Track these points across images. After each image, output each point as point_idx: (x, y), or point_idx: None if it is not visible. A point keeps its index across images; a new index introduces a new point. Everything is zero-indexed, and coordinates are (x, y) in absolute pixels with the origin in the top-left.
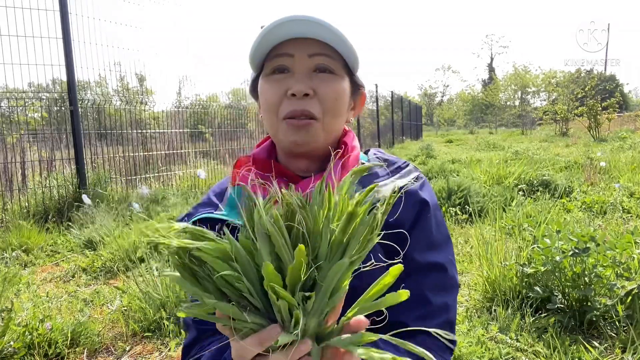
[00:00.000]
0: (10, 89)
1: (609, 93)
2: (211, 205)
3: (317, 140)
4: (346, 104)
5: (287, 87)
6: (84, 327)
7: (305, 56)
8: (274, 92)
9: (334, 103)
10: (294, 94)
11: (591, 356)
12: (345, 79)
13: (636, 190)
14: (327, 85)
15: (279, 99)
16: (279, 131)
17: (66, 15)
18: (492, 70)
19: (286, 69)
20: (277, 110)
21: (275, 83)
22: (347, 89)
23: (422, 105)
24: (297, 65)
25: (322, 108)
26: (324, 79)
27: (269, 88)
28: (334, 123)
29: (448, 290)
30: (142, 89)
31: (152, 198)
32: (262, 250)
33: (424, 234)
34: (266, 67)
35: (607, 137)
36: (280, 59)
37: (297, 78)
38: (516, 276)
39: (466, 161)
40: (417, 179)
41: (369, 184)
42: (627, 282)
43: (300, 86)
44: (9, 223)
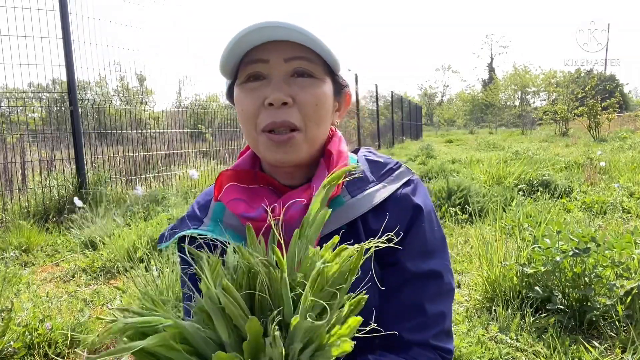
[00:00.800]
0: (10, 89)
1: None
2: (195, 219)
3: (299, 155)
4: (329, 108)
5: (263, 96)
6: (84, 327)
7: (281, 61)
8: (250, 103)
9: (315, 110)
10: (271, 103)
11: (591, 356)
12: (326, 81)
13: (636, 190)
14: (307, 91)
15: (256, 110)
16: (259, 145)
17: (66, 15)
18: (492, 70)
19: (262, 76)
20: (255, 122)
21: (251, 92)
22: (329, 91)
23: (422, 105)
24: (273, 71)
25: (303, 116)
26: (303, 84)
27: (244, 98)
28: (317, 132)
29: (444, 297)
30: (142, 89)
31: (151, 198)
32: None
33: (418, 242)
34: (240, 74)
35: (607, 137)
36: (255, 65)
37: (274, 86)
38: (516, 276)
39: (466, 161)
40: (410, 182)
41: (358, 190)
42: (627, 282)
43: (278, 94)
44: (9, 223)
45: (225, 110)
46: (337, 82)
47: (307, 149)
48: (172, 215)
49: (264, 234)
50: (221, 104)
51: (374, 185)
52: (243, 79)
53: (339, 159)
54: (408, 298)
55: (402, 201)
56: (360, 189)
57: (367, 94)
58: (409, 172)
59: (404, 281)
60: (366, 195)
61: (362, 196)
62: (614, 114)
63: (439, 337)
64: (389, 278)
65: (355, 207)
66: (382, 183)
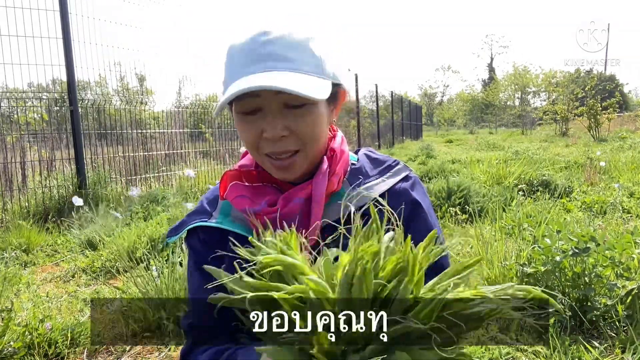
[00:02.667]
0: (10, 89)
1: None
2: (205, 213)
3: (302, 171)
4: (326, 122)
5: (261, 128)
6: (84, 327)
7: (272, 94)
8: (250, 134)
9: (312, 133)
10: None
11: (591, 356)
12: (318, 102)
13: (636, 190)
14: (302, 122)
15: (256, 139)
16: (263, 164)
17: (66, 15)
18: (492, 70)
19: (256, 109)
20: (257, 147)
21: (248, 125)
22: (324, 109)
23: (422, 105)
24: (266, 105)
25: (301, 141)
26: (297, 114)
27: (243, 130)
28: (317, 148)
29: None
30: (142, 89)
31: (151, 198)
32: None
33: (418, 236)
34: (235, 105)
35: (607, 137)
36: (248, 100)
37: (269, 121)
38: (516, 276)
39: (466, 161)
40: (408, 177)
41: (358, 184)
42: (628, 282)
43: (274, 131)
44: (9, 223)
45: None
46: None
47: (308, 165)
48: (172, 215)
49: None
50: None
51: (373, 180)
52: (239, 110)
53: (340, 157)
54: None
55: (401, 195)
56: (361, 182)
57: (367, 94)
58: (406, 168)
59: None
60: (366, 188)
61: (362, 188)
62: (614, 114)
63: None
64: None
65: (354, 198)
66: (382, 177)
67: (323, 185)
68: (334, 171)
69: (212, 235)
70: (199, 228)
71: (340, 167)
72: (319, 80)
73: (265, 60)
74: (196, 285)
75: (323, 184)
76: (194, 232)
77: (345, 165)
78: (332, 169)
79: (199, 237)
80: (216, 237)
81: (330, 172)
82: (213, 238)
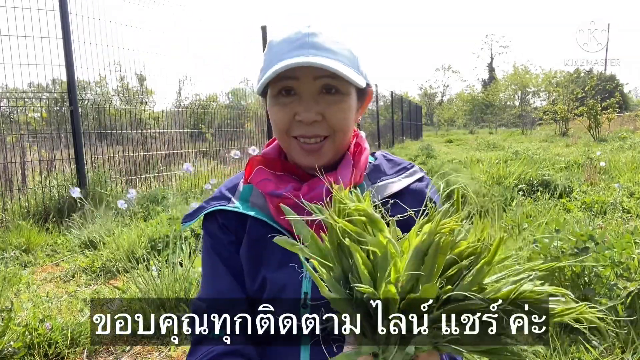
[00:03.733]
0: (10, 89)
1: (609, 93)
2: (223, 198)
3: (327, 159)
4: (354, 116)
5: (294, 111)
6: (84, 327)
7: (310, 79)
8: (283, 116)
9: (343, 122)
10: (302, 120)
11: (591, 356)
12: (351, 94)
13: (636, 190)
14: (335, 108)
15: (288, 122)
16: (291, 147)
17: (66, 15)
18: (492, 70)
19: (292, 91)
20: (287, 130)
21: (283, 107)
22: (354, 102)
23: (422, 105)
24: (303, 88)
25: (331, 128)
26: (330, 101)
27: (277, 111)
28: (344, 138)
29: None
30: (142, 89)
31: (151, 198)
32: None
33: None
34: (272, 87)
35: (607, 137)
36: (286, 82)
37: (304, 104)
38: None
39: (466, 161)
40: (423, 179)
41: (377, 180)
42: (629, 282)
43: (308, 114)
44: (9, 223)
45: (225, 110)
46: (360, 89)
47: (334, 153)
48: (172, 215)
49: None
50: (221, 104)
51: (390, 178)
52: (275, 92)
53: (362, 153)
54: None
55: (418, 194)
56: (379, 179)
57: None
58: (421, 171)
59: None
60: (383, 185)
61: (381, 184)
62: (614, 114)
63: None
64: None
65: (375, 192)
66: (399, 177)
67: (347, 176)
68: (357, 165)
69: (230, 220)
70: (218, 213)
71: (363, 162)
72: (355, 73)
73: (309, 47)
74: (209, 271)
75: (347, 174)
76: (212, 216)
77: (366, 161)
78: (355, 162)
79: (218, 222)
80: (234, 222)
81: (354, 164)
82: (231, 223)
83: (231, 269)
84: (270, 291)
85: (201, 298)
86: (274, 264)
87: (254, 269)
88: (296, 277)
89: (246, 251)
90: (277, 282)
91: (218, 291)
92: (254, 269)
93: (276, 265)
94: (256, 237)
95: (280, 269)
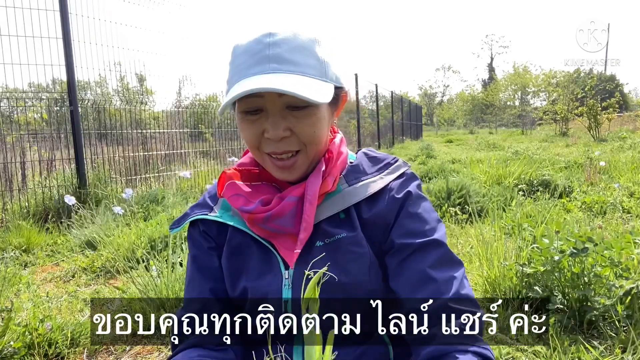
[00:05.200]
0: (10, 89)
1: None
2: (206, 207)
3: (302, 171)
4: (327, 124)
5: (262, 128)
6: (84, 327)
7: (275, 96)
8: (251, 134)
9: (312, 136)
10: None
11: (591, 356)
12: (320, 105)
13: (636, 190)
14: (303, 123)
15: (257, 139)
16: (265, 163)
17: (66, 15)
18: (492, 70)
19: (259, 109)
20: (258, 147)
21: (251, 124)
22: (325, 111)
23: (422, 105)
24: (269, 106)
25: (303, 142)
26: (298, 116)
27: (245, 128)
28: (317, 149)
29: (450, 264)
30: (142, 89)
31: (150, 198)
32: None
33: (412, 220)
34: (238, 104)
35: (607, 137)
36: (251, 100)
37: (271, 121)
38: (516, 276)
39: (466, 161)
40: (403, 174)
41: (354, 181)
42: (625, 281)
43: (276, 132)
44: (9, 223)
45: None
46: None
47: (309, 165)
48: (172, 216)
49: (260, 224)
50: (221, 104)
51: (370, 177)
52: (242, 109)
53: (337, 158)
54: (412, 270)
55: (393, 190)
56: (357, 180)
57: (367, 94)
58: (405, 165)
59: (406, 257)
60: (362, 185)
61: (358, 186)
62: (614, 114)
63: (461, 302)
64: (391, 260)
65: (351, 195)
66: (380, 175)
67: (316, 185)
68: (329, 172)
69: (211, 228)
70: (200, 220)
71: (337, 168)
72: (321, 84)
73: (269, 62)
74: (189, 277)
75: (316, 184)
76: (195, 224)
77: (342, 165)
78: (327, 170)
79: (199, 229)
80: (215, 230)
81: (326, 172)
82: (212, 230)
83: (209, 275)
84: (251, 300)
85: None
86: (254, 273)
87: (234, 277)
88: (277, 285)
89: (226, 260)
90: (258, 290)
91: (191, 297)
92: (235, 277)
93: (256, 274)
94: (236, 245)
95: (261, 278)
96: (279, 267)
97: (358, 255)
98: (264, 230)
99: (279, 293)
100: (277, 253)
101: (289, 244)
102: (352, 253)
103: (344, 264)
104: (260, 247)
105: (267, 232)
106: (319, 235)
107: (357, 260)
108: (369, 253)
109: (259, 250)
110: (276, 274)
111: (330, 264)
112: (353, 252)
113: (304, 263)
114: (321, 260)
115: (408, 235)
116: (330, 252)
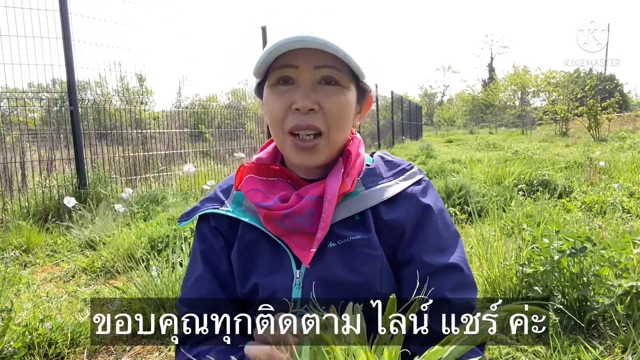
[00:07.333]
0: (10, 89)
1: (608, 93)
2: (217, 200)
3: (321, 158)
4: (352, 114)
5: (291, 100)
6: (84, 327)
7: (310, 68)
8: (279, 105)
9: (339, 116)
10: (298, 108)
11: (591, 356)
12: (351, 89)
13: (636, 190)
14: (332, 99)
15: (283, 112)
16: (284, 145)
17: (66, 15)
18: (492, 70)
19: (290, 80)
20: (282, 124)
21: (280, 96)
22: (353, 98)
23: (422, 106)
24: (302, 77)
25: (327, 121)
26: (328, 92)
27: (273, 100)
28: (338, 136)
29: (467, 289)
30: (142, 89)
31: (150, 198)
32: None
33: (432, 237)
34: (270, 77)
35: (607, 137)
36: (285, 70)
37: (302, 92)
38: (516, 276)
39: (466, 161)
40: (421, 181)
41: (371, 184)
42: (623, 280)
43: (305, 102)
44: (8, 223)
45: (225, 110)
46: (360, 88)
47: (328, 153)
48: (172, 215)
49: (277, 221)
50: (221, 104)
51: (387, 181)
52: (273, 82)
53: (356, 160)
54: (431, 292)
55: (413, 198)
56: (374, 183)
57: None
58: (420, 172)
59: (424, 276)
60: (379, 189)
61: (375, 189)
62: (614, 114)
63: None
64: (408, 276)
65: (368, 198)
66: (395, 180)
67: (336, 185)
68: (348, 173)
69: (222, 223)
70: (211, 215)
71: (355, 169)
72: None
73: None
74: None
75: (336, 184)
76: (205, 218)
77: (360, 167)
78: (346, 171)
79: (210, 224)
80: (225, 225)
81: (345, 173)
82: (222, 225)
83: (218, 274)
84: (261, 297)
85: (184, 299)
86: (264, 270)
87: (244, 273)
88: (287, 283)
89: (237, 255)
90: (267, 288)
91: (202, 295)
92: (245, 274)
93: (267, 271)
94: (248, 242)
95: (271, 275)
96: (291, 265)
97: (371, 257)
98: (279, 228)
99: (288, 292)
100: (290, 251)
101: (302, 243)
102: (365, 255)
103: (356, 265)
104: (272, 245)
105: (281, 230)
106: (332, 236)
107: (369, 262)
108: (382, 256)
109: (271, 247)
110: (287, 272)
111: (342, 265)
112: (366, 255)
113: (316, 263)
114: (333, 260)
115: (428, 252)
116: (343, 254)
